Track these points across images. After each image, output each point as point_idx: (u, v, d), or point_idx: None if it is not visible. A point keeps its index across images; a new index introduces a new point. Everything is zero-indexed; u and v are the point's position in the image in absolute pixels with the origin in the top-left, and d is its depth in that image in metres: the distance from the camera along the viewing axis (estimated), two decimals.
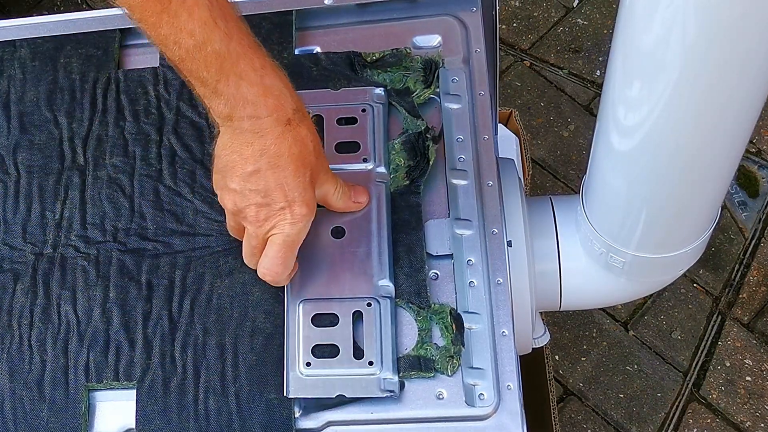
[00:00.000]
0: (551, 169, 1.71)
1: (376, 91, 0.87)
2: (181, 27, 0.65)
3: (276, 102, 0.69)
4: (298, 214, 0.72)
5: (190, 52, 0.66)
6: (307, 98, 0.86)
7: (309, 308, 0.78)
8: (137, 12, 0.66)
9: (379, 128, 0.85)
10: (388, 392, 0.74)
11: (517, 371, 0.76)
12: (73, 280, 0.82)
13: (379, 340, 0.76)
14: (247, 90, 0.68)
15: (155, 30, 0.66)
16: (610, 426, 1.49)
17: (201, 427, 0.76)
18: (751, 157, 1.70)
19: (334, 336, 0.76)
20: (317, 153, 0.73)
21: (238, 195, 0.73)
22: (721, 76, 0.63)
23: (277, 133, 0.70)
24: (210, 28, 0.66)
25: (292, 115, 0.70)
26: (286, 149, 0.70)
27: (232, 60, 0.67)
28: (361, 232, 0.81)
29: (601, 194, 0.84)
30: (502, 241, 0.81)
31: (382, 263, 0.79)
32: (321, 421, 0.75)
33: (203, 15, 0.66)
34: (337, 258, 0.80)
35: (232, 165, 0.71)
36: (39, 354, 0.80)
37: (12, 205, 0.86)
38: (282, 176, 0.71)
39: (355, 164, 0.84)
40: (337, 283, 0.79)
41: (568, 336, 1.56)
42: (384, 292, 0.78)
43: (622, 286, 0.91)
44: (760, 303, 1.58)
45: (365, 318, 0.77)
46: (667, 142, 0.71)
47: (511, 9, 1.90)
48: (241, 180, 0.71)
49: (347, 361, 0.75)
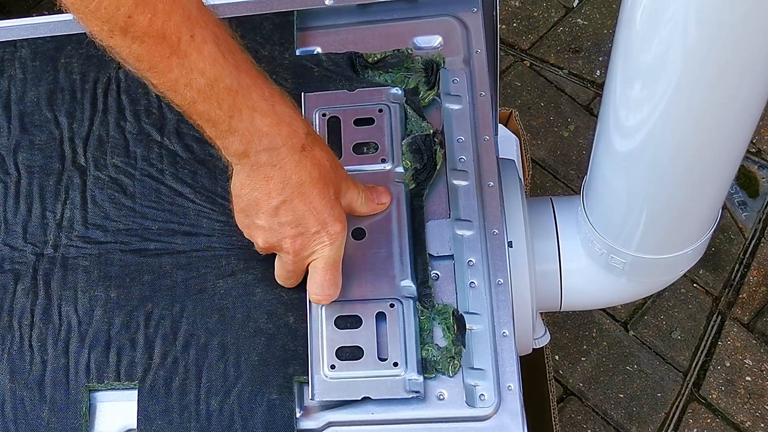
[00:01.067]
0: (551, 169, 1.71)
1: (393, 91, 0.87)
2: (191, 67, 0.64)
3: (289, 129, 0.69)
4: (333, 233, 0.72)
5: (202, 92, 0.65)
6: (323, 99, 0.87)
7: (332, 310, 0.78)
8: (146, 60, 0.64)
9: (396, 128, 0.85)
10: (414, 393, 0.74)
11: (517, 372, 0.76)
12: (74, 281, 0.82)
13: (403, 341, 0.76)
14: (261, 121, 0.68)
15: (165, 76, 0.65)
16: (610, 426, 1.49)
17: (202, 427, 0.76)
18: (751, 157, 1.70)
19: (357, 338, 0.76)
20: (335, 168, 0.73)
21: (268, 232, 0.73)
22: (722, 77, 0.63)
23: (296, 161, 0.69)
24: (220, 64, 0.65)
25: (306, 140, 0.70)
26: (307, 175, 0.70)
27: (243, 93, 0.67)
28: (382, 233, 0.81)
29: (601, 195, 0.84)
30: (503, 241, 0.81)
31: (404, 263, 0.79)
32: (322, 421, 0.75)
33: (212, 51, 0.65)
34: (359, 259, 0.80)
35: (255, 203, 0.71)
36: (40, 354, 0.80)
37: (12, 206, 0.86)
38: (309, 201, 0.71)
39: (373, 165, 0.84)
40: (360, 285, 0.79)
41: (568, 336, 1.56)
42: (406, 292, 0.78)
43: (623, 286, 0.91)
44: (760, 303, 1.58)
45: (389, 319, 0.77)
46: (668, 143, 0.71)
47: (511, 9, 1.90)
48: (269, 216, 0.71)
49: (372, 363, 0.75)
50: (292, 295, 0.80)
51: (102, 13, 0.61)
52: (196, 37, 0.64)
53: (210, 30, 0.65)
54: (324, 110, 0.86)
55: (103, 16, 0.61)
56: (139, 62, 0.64)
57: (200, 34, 0.64)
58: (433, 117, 0.87)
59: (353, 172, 0.82)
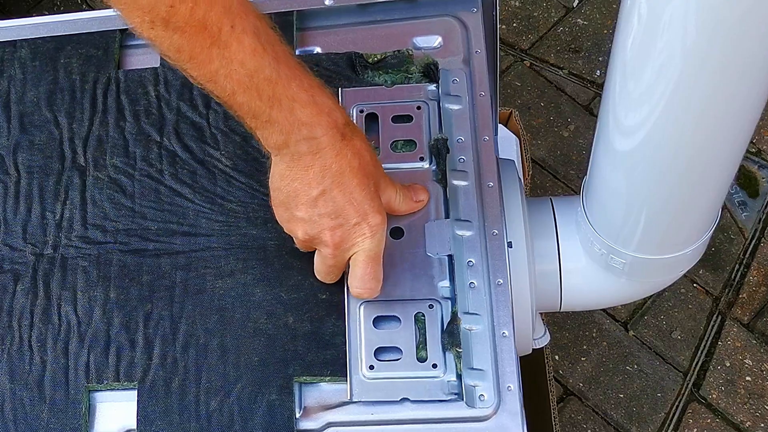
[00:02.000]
0: (551, 169, 1.71)
1: (430, 88, 0.87)
2: (231, 58, 0.64)
3: (329, 119, 0.69)
4: (374, 225, 0.72)
5: (242, 83, 0.66)
6: (360, 95, 0.86)
7: (370, 310, 0.77)
8: (186, 51, 0.64)
9: (434, 126, 0.85)
10: (453, 395, 0.74)
11: (517, 372, 0.76)
12: (73, 281, 0.82)
13: (441, 342, 0.76)
14: (301, 112, 0.68)
15: (205, 67, 0.65)
16: (610, 426, 1.49)
17: (202, 427, 0.76)
18: (751, 157, 1.70)
19: (396, 338, 0.76)
20: (374, 162, 0.73)
21: (308, 223, 0.72)
22: (722, 77, 0.63)
23: (336, 150, 0.69)
24: (260, 55, 0.65)
25: (345, 129, 0.70)
26: (347, 164, 0.70)
27: (283, 84, 0.67)
28: (420, 233, 0.80)
29: (601, 195, 0.84)
30: (503, 241, 0.81)
31: (442, 264, 0.79)
32: (322, 422, 0.75)
33: (252, 42, 0.65)
34: (397, 259, 0.79)
35: (295, 194, 0.71)
36: (39, 354, 0.80)
37: (12, 206, 0.86)
38: (349, 192, 0.71)
39: (412, 163, 0.83)
40: (398, 285, 0.78)
41: (568, 336, 1.56)
42: (445, 293, 0.78)
43: (623, 286, 0.91)
44: (760, 303, 1.58)
45: (428, 320, 0.77)
46: (668, 143, 0.71)
47: (511, 9, 1.89)
48: (308, 207, 0.71)
49: (411, 364, 0.75)
50: (291, 295, 0.80)
51: (144, 3, 0.61)
52: (236, 28, 0.64)
53: (250, 21, 0.65)
54: (362, 106, 0.86)
55: (145, 7, 0.61)
56: (179, 53, 0.64)
57: (240, 25, 0.64)
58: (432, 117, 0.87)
59: (392, 170, 0.82)
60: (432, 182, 0.83)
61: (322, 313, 0.79)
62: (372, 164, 0.73)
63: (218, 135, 0.87)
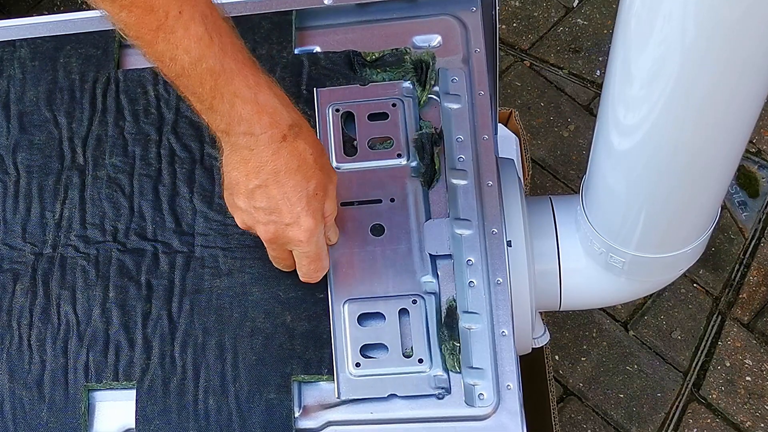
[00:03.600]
0: (551, 169, 1.71)
1: (405, 85, 0.87)
2: (177, 43, 0.65)
3: (270, 119, 0.69)
4: (307, 230, 0.72)
5: (186, 69, 0.66)
6: (336, 95, 0.87)
7: (354, 308, 0.78)
8: (133, 29, 0.65)
9: (410, 122, 0.85)
10: (440, 389, 0.74)
11: (516, 371, 0.76)
12: (72, 280, 0.82)
13: (426, 337, 0.76)
14: (242, 108, 0.68)
15: (151, 47, 0.66)
16: (610, 426, 1.49)
17: (201, 427, 0.76)
18: (751, 157, 1.70)
19: (381, 335, 0.76)
20: (321, 166, 0.73)
21: (245, 213, 0.73)
22: (721, 76, 0.63)
23: (273, 149, 0.69)
24: (205, 44, 0.66)
25: (288, 131, 0.70)
26: (283, 164, 0.70)
27: (226, 77, 0.67)
28: (401, 229, 0.80)
29: (601, 194, 0.84)
30: (502, 241, 0.81)
31: (424, 259, 0.79)
32: (321, 420, 0.75)
33: (199, 30, 0.65)
34: (379, 256, 0.80)
35: (236, 182, 0.72)
36: (39, 354, 0.80)
37: (12, 205, 0.86)
38: (284, 191, 0.71)
39: (390, 160, 0.84)
40: (381, 282, 0.79)
41: (568, 336, 1.56)
42: (428, 288, 0.78)
43: (622, 286, 0.91)
44: (760, 303, 1.57)
45: (412, 315, 0.77)
46: (667, 142, 0.71)
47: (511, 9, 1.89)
48: (246, 198, 0.72)
49: (397, 360, 0.75)
50: (289, 294, 0.80)
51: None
52: (184, 14, 0.64)
53: (199, 9, 0.65)
54: (337, 105, 0.86)
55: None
56: (127, 29, 0.65)
57: (188, 12, 0.64)
58: (432, 116, 0.87)
59: (371, 169, 0.82)
60: (410, 178, 0.83)
61: (320, 312, 0.79)
62: (316, 167, 0.72)
63: None
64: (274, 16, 0.92)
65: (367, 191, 0.83)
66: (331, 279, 0.79)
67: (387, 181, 0.83)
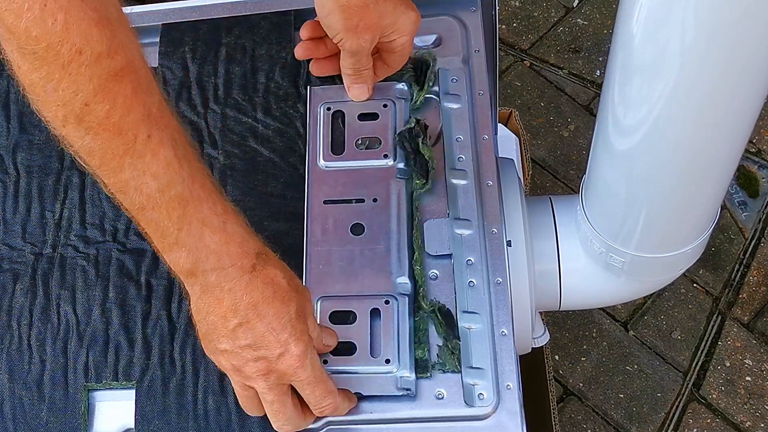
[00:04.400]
0: (551, 169, 1.71)
1: (398, 86, 0.87)
2: (144, 169, 0.60)
3: (239, 249, 0.65)
4: (297, 355, 0.67)
5: (151, 198, 0.61)
6: (328, 94, 0.87)
7: (327, 305, 0.78)
8: (97, 156, 0.60)
9: (400, 124, 0.85)
10: (405, 390, 0.74)
11: (516, 371, 0.76)
12: (72, 280, 0.82)
13: (396, 338, 0.76)
14: (210, 238, 0.64)
15: (116, 175, 0.61)
16: (610, 426, 1.49)
17: (200, 426, 0.76)
18: (751, 157, 1.70)
19: (351, 333, 0.76)
20: (295, 287, 0.69)
21: (231, 355, 0.68)
22: (721, 76, 0.63)
23: (245, 282, 0.66)
24: (174, 170, 0.61)
25: (256, 260, 0.66)
26: (259, 295, 0.66)
27: (195, 204, 0.63)
28: (381, 229, 0.81)
29: (600, 194, 0.84)
30: (502, 240, 0.81)
31: (401, 260, 0.79)
32: (321, 420, 0.75)
33: (168, 155, 0.61)
34: (357, 255, 0.80)
35: (213, 327, 0.67)
36: (38, 354, 0.80)
37: (11, 205, 0.86)
38: (267, 322, 0.67)
39: (376, 160, 0.84)
40: (356, 280, 0.79)
41: (568, 336, 1.56)
42: (402, 289, 0.78)
43: (622, 285, 0.91)
44: (760, 303, 1.57)
45: (383, 315, 0.77)
46: (667, 142, 0.71)
47: (511, 9, 1.90)
48: (229, 339, 0.67)
49: (364, 359, 0.75)
50: None
51: (60, 95, 0.56)
52: (153, 138, 0.60)
53: (168, 133, 0.61)
54: (329, 104, 0.87)
55: (60, 99, 0.57)
56: (90, 157, 0.60)
57: (158, 136, 0.60)
58: (431, 116, 0.87)
59: (357, 168, 0.83)
60: (395, 179, 0.83)
61: None
62: (291, 290, 0.68)
63: (216, 134, 0.87)
64: (273, 16, 0.92)
65: (351, 190, 0.83)
66: (307, 276, 0.79)
67: (371, 181, 0.83)
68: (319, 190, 0.83)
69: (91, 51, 0.55)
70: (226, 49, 0.91)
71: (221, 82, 0.89)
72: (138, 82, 0.59)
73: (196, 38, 0.92)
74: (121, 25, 0.58)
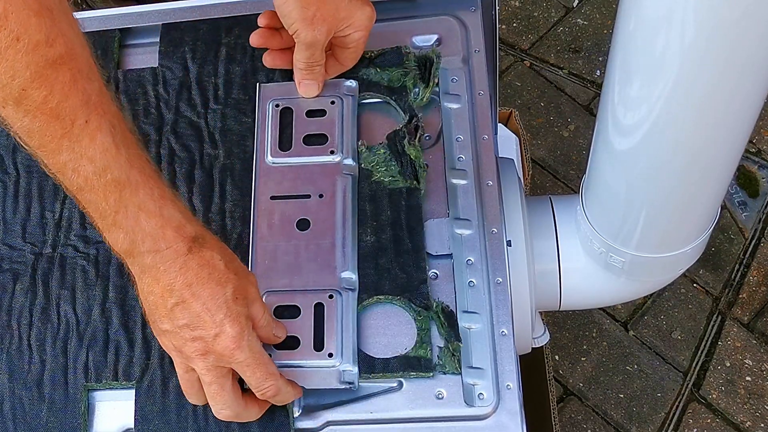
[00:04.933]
0: (551, 169, 1.71)
1: (347, 83, 0.87)
2: (81, 152, 0.62)
3: (174, 233, 0.67)
4: (233, 336, 0.68)
5: (88, 180, 0.63)
6: (278, 91, 0.87)
7: (272, 300, 0.78)
8: (36, 137, 0.61)
9: (348, 120, 0.85)
10: (347, 384, 0.75)
11: (516, 371, 0.76)
12: (72, 280, 0.82)
13: (339, 332, 0.76)
14: (146, 222, 0.66)
15: (54, 156, 0.62)
16: (610, 426, 1.49)
17: (200, 426, 0.76)
18: (751, 157, 1.70)
19: (295, 328, 0.77)
20: (235, 270, 0.70)
21: (171, 335, 0.69)
22: (721, 76, 0.63)
23: (180, 263, 0.67)
24: (111, 155, 0.63)
25: (192, 243, 0.67)
26: (194, 276, 0.67)
27: (131, 189, 0.65)
28: (326, 225, 0.81)
29: (600, 194, 0.84)
30: (502, 240, 0.81)
31: (346, 255, 0.79)
32: (320, 420, 0.75)
33: (105, 140, 0.62)
34: (302, 250, 0.80)
35: (155, 306, 0.69)
36: (38, 354, 0.80)
37: (11, 205, 0.86)
38: (202, 302, 0.68)
39: (323, 156, 0.84)
40: (301, 275, 0.79)
41: (568, 336, 1.56)
42: (347, 284, 0.78)
43: (622, 285, 0.91)
44: (760, 303, 1.57)
45: (326, 310, 0.77)
46: (667, 142, 0.71)
47: (511, 9, 1.90)
48: (167, 318, 0.69)
49: (308, 353, 0.76)
50: None
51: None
52: (90, 123, 0.62)
53: (107, 119, 0.63)
54: (277, 101, 0.87)
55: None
56: (29, 138, 0.62)
57: (96, 121, 0.62)
58: (432, 116, 0.87)
59: (303, 164, 0.83)
60: (342, 175, 0.83)
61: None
62: (229, 272, 0.69)
63: (216, 134, 0.87)
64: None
65: (297, 186, 0.83)
66: (253, 270, 0.80)
67: (318, 177, 0.83)
68: (266, 187, 0.83)
69: (28, 39, 0.57)
70: (226, 49, 0.91)
71: (221, 82, 0.89)
72: (78, 69, 0.60)
73: (196, 38, 0.92)
74: (62, 14, 0.59)
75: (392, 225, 0.81)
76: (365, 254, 0.80)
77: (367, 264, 0.80)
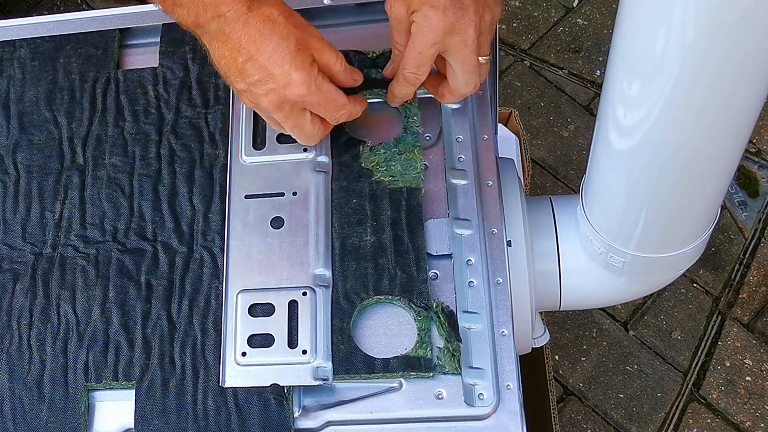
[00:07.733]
0: (551, 169, 1.71)
1: None
2: None
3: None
4: (301, 82, 0.73)
5: None
6: None
7: (246, 298, 0.79)
8: None
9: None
10: (322, 380, 0.75)
11: (516, 371, 0.76)
12: (72, 280, 0.82)
13: (313, 329, 0.76)
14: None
15: None
16: (610, 426, 1.49)
17: (200, 427, 0.76)
18: (751, 157, 1.70)
19: (269, 325, 0.77)
20: (295, 23, 0.75)
21: (247, 93, 0.75)
22: (721, 76, 0.63)
23: (242, 22, 0.72)
24: None
25: (252, 2, 0.72)
26: (257, 32, 0.72)
27: None
28: (300, 222, 0.81)
29: (600, 194, 0.84)
30: (502, 240, 0.81)
31: (320, 252, 0.80)
32: (320, 420, 0.75)
33: None
34: (276, 248, 0.81)
35: (227, 69, 0.74)
36: (38, 354, 0.80)
37: (11, 205, 0.86)
38: (268, 56, 0.73)
39: (295, 154, 0.84)
40: (275, 273, 0.80)
41: (568, 336, 1.56)
42: (320, 281, 0.79)
43: (622, 285, 0.91)
44: (760, 303, 1.57)
45: (300, 307, 0.78)
46: (667, 142, 0.71)
47: (511, 9, 1.90)
48: (241, 77, 0.74)
49: (282, 350, 0.76)
50: None
51: None
52: None
53: None
54: None
55: None
56: None
57: None
58: (432, 116, 0.87)
59: (275, 162, 0.84)
60: (315, 173, 0.83)
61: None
62: (291, 25, 0.74)
63: (216, 134, 0.87)
64: None
65: (271, 184, 0.84)
66: (227, 269, 0.80)
67: (291, 175, 0.84)
68: (240, 185, 0.84)
69: None
70: None
71: (222, 82, 0.89)
72: None
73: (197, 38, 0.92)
74: None
75: (392, 225, 0.81)
76: (365, 254, 0.80)
77: (367, 264, 0.80)
